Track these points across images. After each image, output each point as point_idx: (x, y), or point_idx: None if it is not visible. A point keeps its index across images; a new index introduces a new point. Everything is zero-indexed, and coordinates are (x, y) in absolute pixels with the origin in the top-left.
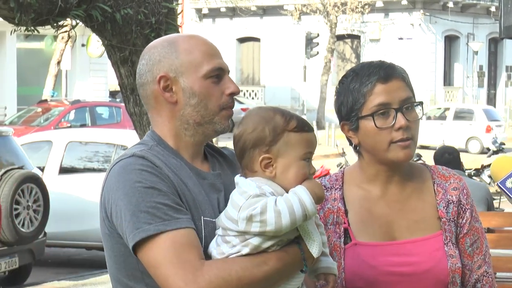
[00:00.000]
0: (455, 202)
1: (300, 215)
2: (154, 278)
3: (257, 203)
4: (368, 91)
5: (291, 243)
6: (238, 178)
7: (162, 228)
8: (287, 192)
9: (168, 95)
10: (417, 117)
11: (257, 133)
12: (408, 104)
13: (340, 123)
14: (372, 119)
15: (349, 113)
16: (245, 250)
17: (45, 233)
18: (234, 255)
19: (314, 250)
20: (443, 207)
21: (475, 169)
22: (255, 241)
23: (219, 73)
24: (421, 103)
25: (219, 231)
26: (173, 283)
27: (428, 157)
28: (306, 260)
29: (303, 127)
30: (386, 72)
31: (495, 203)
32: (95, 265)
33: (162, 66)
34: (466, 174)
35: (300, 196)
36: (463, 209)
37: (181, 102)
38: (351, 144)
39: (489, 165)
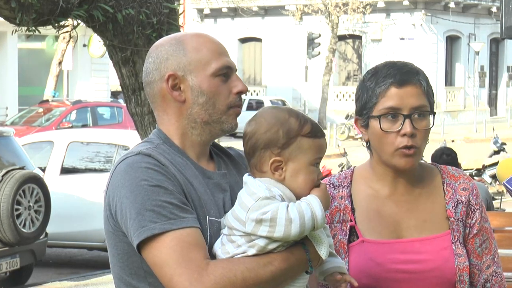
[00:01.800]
0: (464, 203)
1: (309, 226)
2: (158, 277)
3: (267, 207)
4: (381, 92)
5: (296, 244)
6: (246, 178)
7: (167, 227)
8: (295, 194)
9: (177, 93)
10: (426, 127)
11: (270, 134)
12: (419, 112)
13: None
14: (379, 121)
15: (361, 110)
16: (252, 251)
17: (46, 234)
18: (239, 255)
19: (323, 252)
20: (452, 207)
21: (477, 169)
22: (261, 242)
23: (227, 72)
24: (433, 113)
25: (224, 231)
26: (178, 282)
27: None
28: (311, 261)
29: (316, 133)
30: (403, 76)
31: (496, 203)
32: (97, 266)
33: (170, 64)
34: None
35: (313, 208)
36: (472, 210)
37: (189, 101)
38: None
39: (490, 165)
